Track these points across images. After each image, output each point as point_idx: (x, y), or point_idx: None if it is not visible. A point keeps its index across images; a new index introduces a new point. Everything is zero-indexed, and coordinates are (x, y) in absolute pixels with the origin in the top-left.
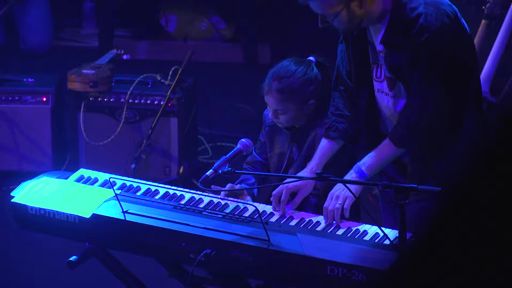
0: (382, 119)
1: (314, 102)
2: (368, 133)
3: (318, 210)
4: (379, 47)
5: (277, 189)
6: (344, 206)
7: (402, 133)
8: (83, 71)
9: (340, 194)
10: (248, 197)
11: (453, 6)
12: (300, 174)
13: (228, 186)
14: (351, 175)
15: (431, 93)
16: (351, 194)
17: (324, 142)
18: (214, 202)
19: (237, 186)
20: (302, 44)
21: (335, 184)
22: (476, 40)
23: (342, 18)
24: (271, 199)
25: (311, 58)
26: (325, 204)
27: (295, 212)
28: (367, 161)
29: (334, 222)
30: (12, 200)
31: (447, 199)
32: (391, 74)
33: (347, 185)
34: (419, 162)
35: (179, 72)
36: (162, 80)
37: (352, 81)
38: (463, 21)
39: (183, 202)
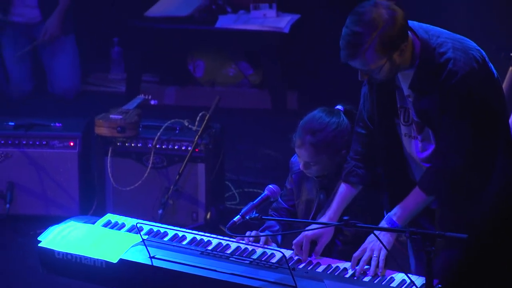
0: (408, 164)
1: (345, 152)
2: (392, 178)
3: (345, 256)
4: (407, 91)
5: (297, 238)
6: (380, 262)
7: (432, 181)
8: (111, 116)
9: (375, 247)
10: (273, 244)
11: (481, 50)
12: (319, 221)
13: (254, 232)
14: (382, 226)
15: (461, 138)
16: (384, 247)
17: (342, 188)
18: (241, 248)
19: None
20: (329, 90)
21: (363, 231)
22: (504, 86)
23: (385, 69)
24: (293, 247)
25: (339, 107)
26: (356, 254)
27: (322, 258)
28: (397, 211)
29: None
30: (39, 245)
31: (474, 246)
32: (419, 119)
33: (378, 237)
34: (449, 209)
35: (207, 117)
36: (189, 126)
37: (374, 124)
38: (491, 65)
39: (210, 247)
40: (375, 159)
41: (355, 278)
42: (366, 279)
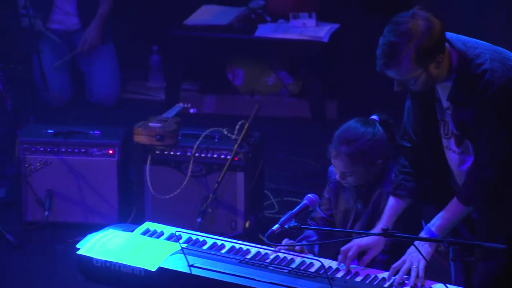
0: (451, 175)
1: (381, 162)
2: (436, 189)
3: (385, 266)
4: (446, 104)
5: (347, 245)
6: (420, 272)
7: (470, 191)
8: (150, 124)
9: (414, 258)
10: (310, 255)
11: None
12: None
13: (285, 241)
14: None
15: (497, 149)
16: (423, 258)
17: (391, 201)
18: (280, 257)
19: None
20: (368, 100)
21: (403, 242)
22: None
23: (421, 80)
24: (340, 254)
25: (374, 117)
26: (395, 265)
27: (360, 268)
28: (436, 222)
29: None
30: (77, 252)
31: None
32: (458, 131)
33: (418, 248)
34: (487, 219)
35: (246, 126)
36: (228, 134)
37: (418, 137)
38: None
39: (249, 256)
40: (422, 172)
41: None
42: None
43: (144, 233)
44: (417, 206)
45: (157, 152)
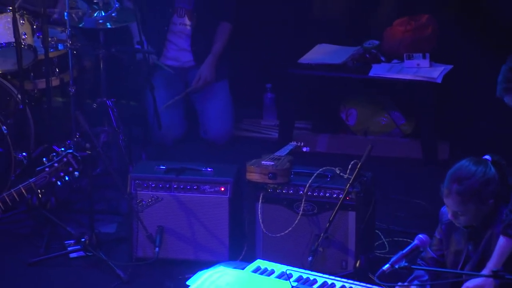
0: None
1: (492, 202)
2: None
3: None
4: None
5: None
6: None
7: None
8: (262, 162)
9: None
10: None
11: None
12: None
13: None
14: None
15: None
16: None
17: (502, 241)
18: None
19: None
20: (480, 141)
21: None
22: None
23: None
24: None
25: (487, 157)
26: None
27: None
28: None
29: None
30: None
31: None
32: None
33: None
34: None
35: (359, 166)
36: (341, 174)
37: None
38: None
39: None
40: None
41: None
42: None
43: (255, 271)
44: None
45: (269, 190)
